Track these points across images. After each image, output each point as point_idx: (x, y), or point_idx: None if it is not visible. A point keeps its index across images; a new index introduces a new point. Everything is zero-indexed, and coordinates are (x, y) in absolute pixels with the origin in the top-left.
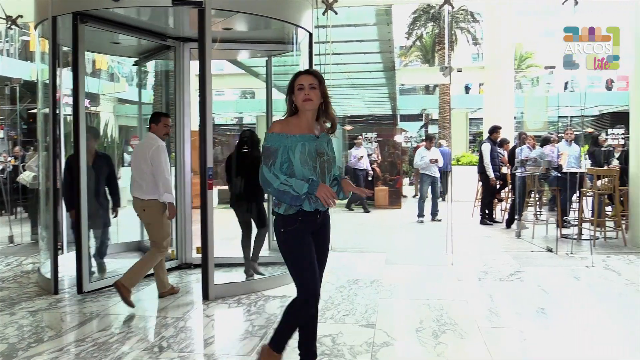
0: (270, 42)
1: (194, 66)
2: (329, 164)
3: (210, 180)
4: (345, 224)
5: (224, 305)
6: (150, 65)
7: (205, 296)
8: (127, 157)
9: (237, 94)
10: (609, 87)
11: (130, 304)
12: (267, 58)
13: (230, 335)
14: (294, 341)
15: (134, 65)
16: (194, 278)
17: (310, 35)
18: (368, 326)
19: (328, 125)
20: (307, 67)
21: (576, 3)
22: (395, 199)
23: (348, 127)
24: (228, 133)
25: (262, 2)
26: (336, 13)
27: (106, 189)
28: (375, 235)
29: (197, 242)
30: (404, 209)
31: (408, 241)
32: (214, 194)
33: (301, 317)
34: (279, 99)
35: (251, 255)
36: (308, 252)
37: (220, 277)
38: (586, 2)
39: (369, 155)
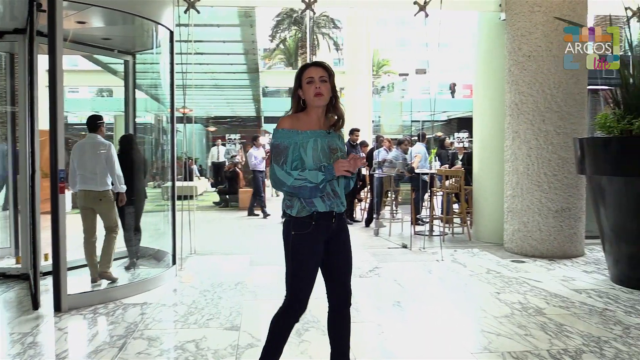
0: (129, 38)
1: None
2: None
3: (62, 183)
4: (209, 226)
5: (78, 317)
6: None
7: (57, 307)
8: None
9: (93, 91)
10: (452, 91)
11: (114, 279)
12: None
13: (85, 348)
14: None
15: None
16: (43, 288)
17: (172, 33)
18: (232, 329)
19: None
20: (169, 66)
21: (426, 15)
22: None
23: (211, 128)
24: (83, 133)
25: None
26: (198, 12)
27: None
28: (240, 237)
29: (46, 249)
30: (268, 210)
31: (273, 242)
32: (68, 198)
33: (283, 324)
34: (139, 98)
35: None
36: (314, 262)
37: (74, 285)
38: (437, 14)
39: (232, 157)
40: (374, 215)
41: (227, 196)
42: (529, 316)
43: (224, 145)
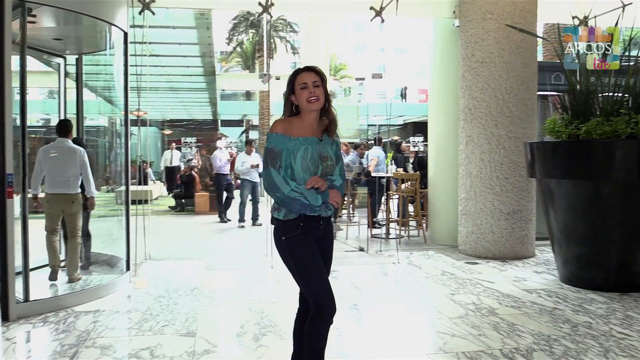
0: (80, 39)
1: None
2: (330, 169)
3: (10, 187)
4: (164, 231)
5: (27, 326)
6: None
7: (5, 317)
8: None
9: (43, 93)
10: (403, 94)
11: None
12: (77, 56)
13: (35, 358)
14: None
15: None
16: None
17: (125, 34)
18: (188, 335)
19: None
20: (123, 67)
21: (382, 21)
22: (216, 204)
23: (167, 132)
24: (33, 135)
25: None
26: (153, 13)
27: None
28: (196, 241)
29: None
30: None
31: (229, 246)
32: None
33: (323, 331)
34: (90, 100)
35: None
36: (314, 258)
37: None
38: (393, 20)
39: (188, 161)
40: (332, 219)
41: (183, 200)
42: (482, 316)
43: (178, 149)
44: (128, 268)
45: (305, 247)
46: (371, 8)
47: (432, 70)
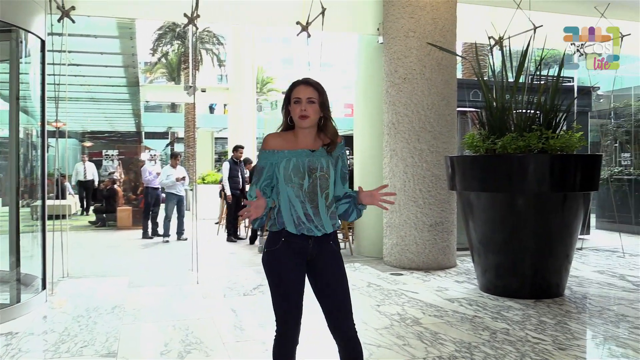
0: None
1: None
2: (323, 181)
3: None
4: (84, 247)
5: None
6: None
7: None
8: None
9: None
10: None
11: None
12: None
13: None
14: None
15: None
16: None
17: (43, 42)
18: (109, 355)
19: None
20: (39, 77)
21: (309, 35)
22: (139, 218)
23: (87, 144)
24: None
25: None
26: (73, 21)
27: None
28: (118, 257)
29: None
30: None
31: (153, 262)
32: None
33: (279, 352)
34: (3, 110)
35: None
36: (289, 279)
37: None
38: (319, 35)
39: (110, 174)
40: (258, 233)
41: (104, 215)
42: (407, 326)
43: (92, 161)
44: (44, 287)
45: (283, 264)
46: (297, 23)
47: (358, 85)
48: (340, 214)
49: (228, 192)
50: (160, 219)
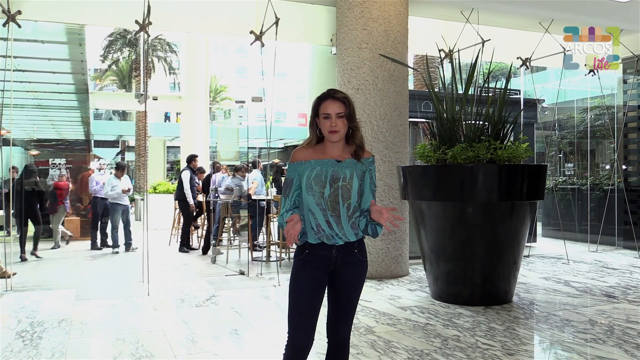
0: None
1: None
2: (344, 191)
3: None
4: (28, 259)
5: None
6: None
7: None
8: None
9: None
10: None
11: None
12: None
13: None
14: None
15: None
16: None
17: None
18: None
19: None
20: None
21: (262, 45)
22: (87, 229)
23: (34, 152)
24: None
25: None
26: (19, 26)
27: None
28: (65, 269)
29: None
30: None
31: (101, 274)
32: None
33: None
34: None
35: None
36: (304, 291)
37: None
38: (273, 45)
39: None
40: (212, 242)
41: (51, 225)
42: (360, 335)
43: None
44: None
45: (303, 275)
46: (251, 32)
47: (311, 95)
48: (362, 230)
49: (191, 201)
50: (110, 229)
